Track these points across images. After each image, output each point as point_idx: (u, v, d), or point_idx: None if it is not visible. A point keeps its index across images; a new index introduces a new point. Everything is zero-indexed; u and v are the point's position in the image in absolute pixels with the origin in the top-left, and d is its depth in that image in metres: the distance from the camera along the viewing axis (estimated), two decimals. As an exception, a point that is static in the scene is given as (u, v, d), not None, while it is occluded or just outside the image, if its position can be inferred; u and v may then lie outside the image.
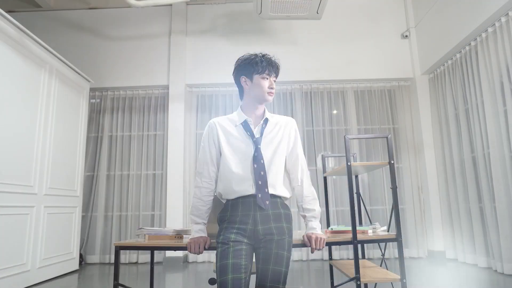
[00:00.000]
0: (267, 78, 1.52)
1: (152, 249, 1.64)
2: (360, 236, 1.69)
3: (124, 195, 4.68)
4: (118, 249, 1.56)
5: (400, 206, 4.46)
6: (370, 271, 1.76)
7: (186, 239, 1.66)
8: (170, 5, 4.98)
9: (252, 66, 1.51)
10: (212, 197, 1.54)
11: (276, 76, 1.57)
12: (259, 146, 1.48)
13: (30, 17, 5.00)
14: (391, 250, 4.39)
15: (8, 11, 4.80)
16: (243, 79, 1.55)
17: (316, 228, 1.51)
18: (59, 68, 3.74)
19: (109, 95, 4.94)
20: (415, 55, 4.76)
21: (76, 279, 3.58)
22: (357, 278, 1.61)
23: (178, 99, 4.74)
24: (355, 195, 1.84)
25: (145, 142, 4.81)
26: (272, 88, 1.53)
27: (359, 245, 1.95)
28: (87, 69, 4.76)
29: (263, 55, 1.54)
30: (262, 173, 1.44)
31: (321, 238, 1.46)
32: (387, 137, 1.72)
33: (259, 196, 1.41)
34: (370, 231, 1.78)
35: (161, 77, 4.86)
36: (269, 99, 1.53)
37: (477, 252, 3.69)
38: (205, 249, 1.47)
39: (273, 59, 1.55)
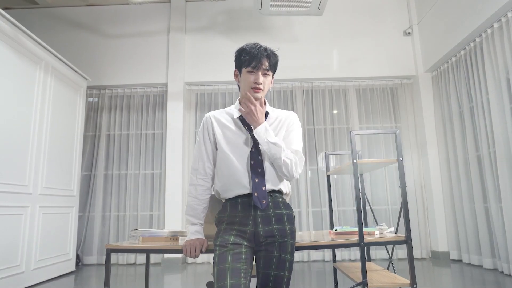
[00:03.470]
0: (253, 72, 1.37)
1: (145, 251, 1.56)
2: (367, 238, 1.60)
3: (122, 195, 4.60)
4: (110, 251, 1.49)
5: (403, 206, 4.37)
6: (377, 275, 1.68)
7: (182, 241, 1.58)
8: (169, 1, 4.91)
9: (240, 59, 1.40)
10: (208, 196, 1.45)
11: (270, 70, 1.40)
12: (257, 141, 1.38)
13: (28, 14, 4.93)
14: (393, 250, 4.30)
15: (4, 8, 4.74)
16: (236, 72, 1.46)
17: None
18: (55, 66, 3.66)
19: (107, 93, 4.86)
20: (418, 52, 4.67)
21: (72, 280, 3.50)
22: (364, 283, 1.52)
23: (177, 97, 4.65)
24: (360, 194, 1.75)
25: (143, 141, 4.73)
26: (257, 83, 1.37)
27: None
28: (84, 66, 4.69)
29: (252, 47, 1.38)
30: (259, 170, 1.34)
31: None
32: (395, 133, 1.63)
33: (255, 194, 1.31)
34: (377, 233, 1.69)
35: (160, 75, 4.77)
36: (254, 96, 1.37)
37: (482, 253, 3.60)
38: (201, 252, 1.39)
39: (261, 49, 1.37)
